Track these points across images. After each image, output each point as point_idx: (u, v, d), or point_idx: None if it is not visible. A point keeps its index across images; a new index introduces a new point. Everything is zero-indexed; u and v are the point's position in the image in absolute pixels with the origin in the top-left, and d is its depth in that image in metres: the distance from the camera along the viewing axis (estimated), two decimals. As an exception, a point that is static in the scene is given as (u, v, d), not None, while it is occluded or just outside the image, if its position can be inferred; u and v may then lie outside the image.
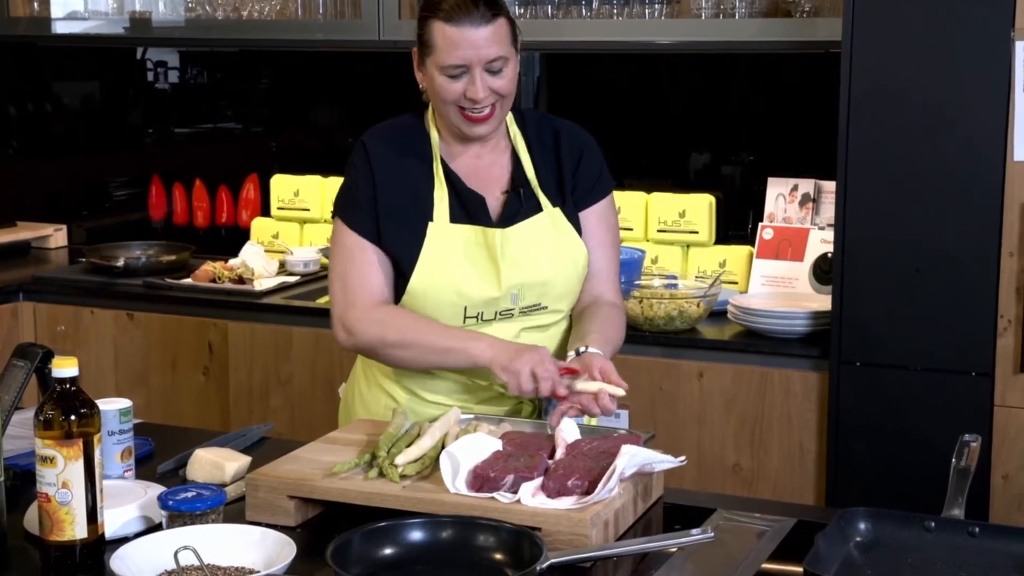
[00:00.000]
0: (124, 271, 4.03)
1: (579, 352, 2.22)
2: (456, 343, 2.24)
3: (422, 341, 2.25)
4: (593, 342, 2.24)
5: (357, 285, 2.29)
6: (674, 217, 3.71)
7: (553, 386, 2.15)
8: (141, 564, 1.70)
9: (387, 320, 2.27)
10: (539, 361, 2.16)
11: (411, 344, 2.26)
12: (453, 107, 2.26)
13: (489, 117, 2.27)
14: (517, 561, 1.72)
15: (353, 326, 2.29)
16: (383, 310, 2.29)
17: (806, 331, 3.25)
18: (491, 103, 2.25)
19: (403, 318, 2.28)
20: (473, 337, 2.24)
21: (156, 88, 4.89)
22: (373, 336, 2.28)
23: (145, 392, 3.88)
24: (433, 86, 2.26)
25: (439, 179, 2.32)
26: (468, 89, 2.23)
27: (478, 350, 2.22)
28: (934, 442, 2.84)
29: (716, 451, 3.29)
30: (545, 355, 2.18)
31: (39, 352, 2.15)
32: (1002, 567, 1.75)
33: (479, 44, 2.20)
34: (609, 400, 2.13)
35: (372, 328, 2.27)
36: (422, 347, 2.25)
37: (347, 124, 4.57)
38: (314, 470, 1.98)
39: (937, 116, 2.97)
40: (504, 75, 2.24)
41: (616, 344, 2.33)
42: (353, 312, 2.29)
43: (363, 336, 2.28)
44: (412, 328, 2.26)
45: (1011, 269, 2.95)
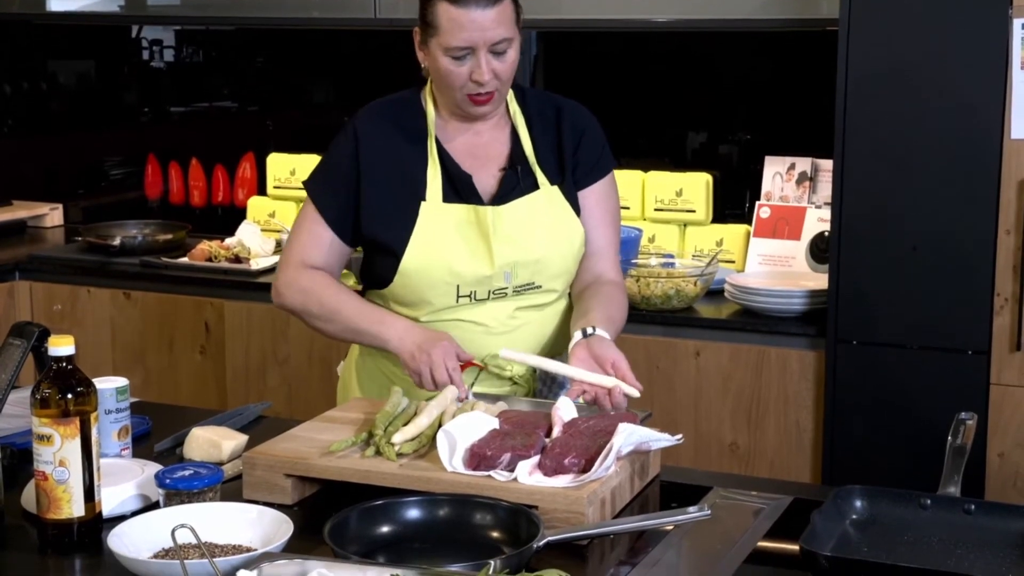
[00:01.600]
0: (120, 250, 4.02)
1: (586, 333, 2.21)
2: (368, 325, 2.27)
3: (339, 317, 2.29)
4: (597, 321, 2.23)
5: (296, 250, 2.33)
6: (671, 196, 3.71)
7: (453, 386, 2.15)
8: (138, 542, 1.70)
9: (309, 289, 2.30)
10: (439, 360, 2.16)
11: (330, 318, 2.30)
12: (457, 91, 2.25)
13: (491, 99, 2.27)
14: (514, 539, 1.72)
15: (281, 288, 2.34)
16: (309, 277, 2.31)
17: (803, 310, 3.25)
18: (495, 86, 2.25)
19: (326, 290, 2.30)
20: (385, 322, 2.26)
21: (151, 67, 4.87)
22: (296, 303, 2.32)
23: (142, 371, 3.89)
24: (437, 67, 2.25)
25: (432, 157, 2.31)
26: (474, 72, 2.22)
27: (387, 337, 2.24)
28: (930, 420, 2.84)
29: (713, 429, 3.29)
30: (447, 351, 2.18)
31: (35, 331, 2.14)
32: (997, 544, 1.76)
33: (485, 26, 2.19)
34: (622, 397, 2.13)
35: (297, 295, 2.32)
36: (339, 323, 2.30)
37: (343, 102, 4.56)
38: (311, 448, 1.98)
39: (935, 94, 2.97)
40: (508, 57, 2.24)
41: (619, 323, 2.33)
42: (284, 274, 2.34)
43: (287, 300, 2.34)
44: (331, 302, 2.29)
45: (1008, 247, 2.95)
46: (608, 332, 2.22)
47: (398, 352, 2.22)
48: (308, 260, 2.32)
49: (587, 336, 2.20)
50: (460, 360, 2.19)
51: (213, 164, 4.44)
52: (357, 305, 2.30)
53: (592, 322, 2.22)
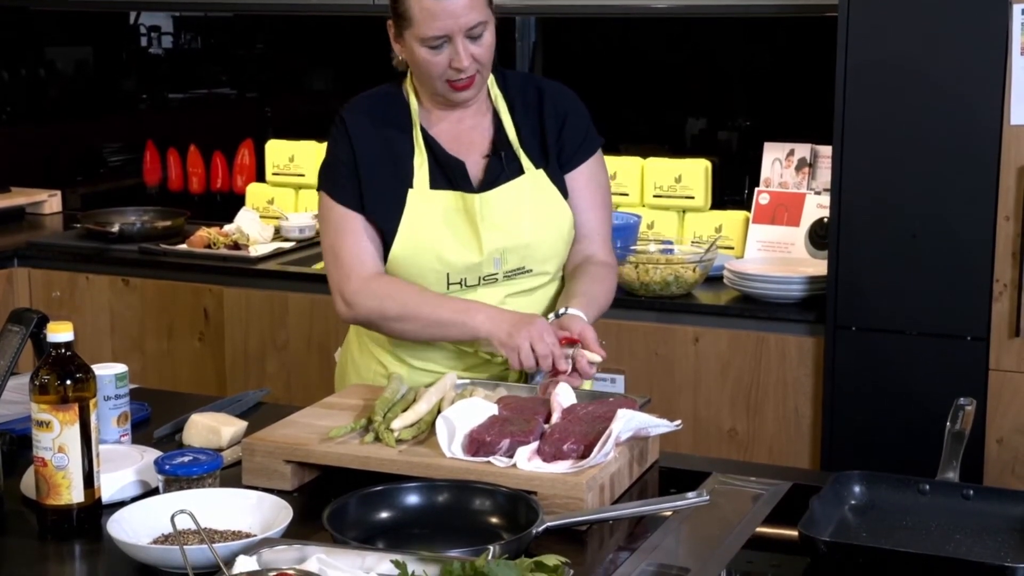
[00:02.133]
0: (119, 237, 4.02)
1: (558, 314, 2.21)
2: (455, 316, 2.23)
3: (421, 314, 2.24)
4: (576, 304, 2.23)
5: (350, 257, 2.28)
6: (670, 182, 3.70)
7: (554, 361, 2.14)
8: (138, 528, 1.70)
9: (386, 293, 2.26)
10: (538, 336, 2.14)
11: (411, 317, 2.25)
12: (437, 80, 2.25)
13: (472, 83, 2.26)
14: (513, 524, 1.72)
15: (352, 299, 2.28)
16: (380, 282, 2.28)
17: (802, 296, 3.25)
18: (474, 70, 2.24)
19: (402, 291, 2.27)
20: (471, 309, 2.23)
21: (150, 53, 4.87)
22: (373, 309, 2.27)
23: (141, 358, 3.89)
24: (415, 59, 2.24)
25: (419, 146, 2.31)
26: (453, 59, 2.21)
27: (476, 322, 2.20)
28: (929, 406, 2.84)
29: (712, 416, 3.29)
30: (544, 327, 2.16)
31: (34, 317, 2.14)
32: (995, 529, 1.76)
33: (458, 12, 2.17)
34: (587, 364, 2.12)
35: (371, 302, 2.26)
36: (422, 320, 2.24)
37: (342, 89, 4.55)
38: (310, 435, 1.98)
39: (934, 80, 2.96)
40: (484, 40, 2.22)
41: (603, 303, 2.32)
42: (350, 285, 2.28)
43: (362, 309, 2.28)
44: (411, 301, 2.25)
45: (1007, 233, 2.95)
46: (584, 310, 2.22)
47: (491, 334, 2.18)
48: (367, 262, 2.27)
49: (559, 316, 2.20)
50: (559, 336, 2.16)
51: (212, 151, 4.43)
52: (437, 298, 2.26)
53: (567, 303, 2.23)
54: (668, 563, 1.69)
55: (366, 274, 2.27)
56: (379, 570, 1.49)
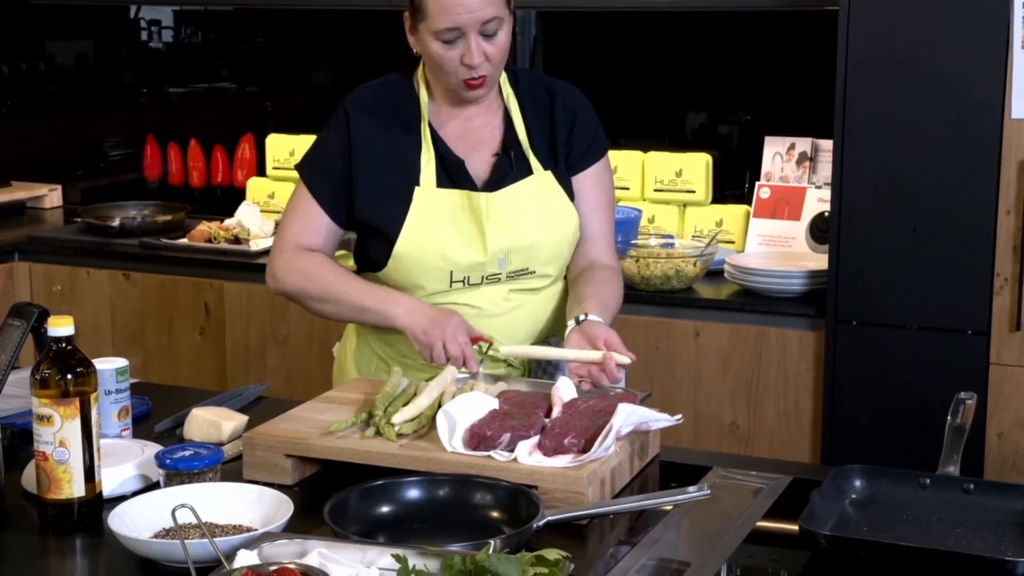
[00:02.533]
0: (119, 231, 4.02)
1: (579, 320, 2.21)
2: (376, 304, 2.25)
3: (342, 298, 2.27)
4: (592, 308, 2.22)
5: (290, 234, 2.31)
6: (671, 176, 3.70)
7: (464, 360, 2.15)
8: (139, 522, 1.70)
9: (309, 272, 2.29)
10: (452, 336, 2.16)
11: (332, 300, 2.28)
12: (451, 76, 2.24)
13: (484, 82, 2.25)
14: (514, 519, 1.72)
15: (278, 273, 2.31)
16: (307, 259, 2.29)
17: (803, 290, 3.25)
18: (487, 69, 2.23)
19: (325, 272, 2.28)
20: (391, 299, 2.25)
21: (150, 47, 4.86)
22: (296, 286, 2.30)
23: (142, 352, 3.89)
24: (428, 52, 2.24)
25: (426, 143, 2.30)
26: (464, 55, 2.20)
27: (394, 313, 2.23)
28: (930, 400, 2.84)
29: (712, 410, 3.29)
30: (459, 326, 2.17)
31: (35, 311, 2.14)
32: (996, 523, 1.76)
33: (473, 7, 2.16)
34: (615, 368, 2.13)
35: (295, 278, 2.30)
36: (342, 304, 2.28)
37: (342, 83, 4.54)
38: (311, 429, 1.98)
39: (935, 74, 2.96)
40: (499, 38, 2.21)
41: (614, 308, 2.32)
42: (280, 258, 2.31)
43: (286, 284, 2.31)
44: (333, 283, 2.27)
45: (1008, 227, 2.95)
46: (602, 317, 2.22)
47: (407, 328, 2.21)
48: (304, 243, 2.31)
49: (580, 323, 2.20)
50: (470, 336, 2.18)
51: (212, 145, 4.43)
52: (360, 285, 2.29)
53: (586, 309, 2.22)
54: (669, 557, 1.69)
55: (298, 251, 2.29)
56: (380, 564, 1.50)
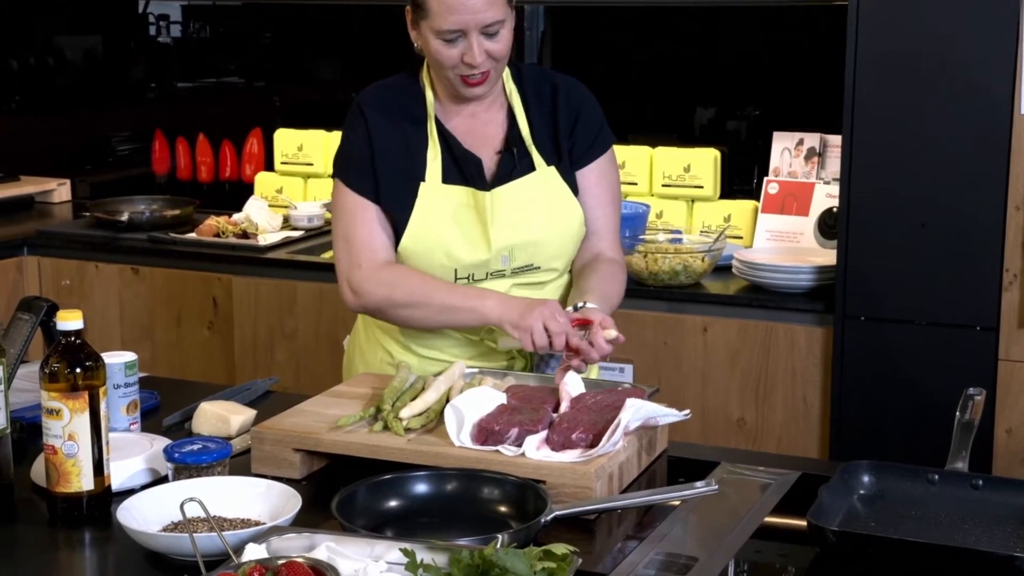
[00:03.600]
0: (128, 226, 4.02)
1: (576, 308, 2.21)
2: (465, 302, 2.22)
3: (431, 301, 2.23)
4: (591, 299, 2.22)
5: (361, 245, 2.27)
6: (679, 171, 3.70)
7: (567, 339, 2.13)
8: (148, 516, 1.71)
9: (394, 280, 2.26)
10: (550, 315, 2.13)
11: (419, 304, 2.24)
12: (450, 71, 2.24)
13: (485, 80, 2.24)
14: (521, 514, 1.73)
15: (360, 287, 2.27)
16: (389, 270, 2.27)
17: (811, 286, 3.25)
18: (488, 67, 2.23)
19: (411, 278, 2.26)
20: (481, 295, 2.22)
21: (158, 42, 4.87)
22: (381, 297, 2.26)
23: (150, 346, 3.89)
24: (428, 50, 2.23)
25: (433, 139, 2.30)
26: (465, 55, 2.19)
27: (486, 308, 2.19)
28: (938, 396, 2.84)
29: (720, 405, 3.29)
30: (556, 308, 2.15)
31: (44, 305, 2.15)
32: (1005, 519, 1.76)
33: (476, 8, 2.15)
34: (604, 341, 2.11)
35: (380, 289, 2.26)
36: (431, 307, 2.23)
37: (350, 78, 4.55)
38: (319, 423, 1.98)
39: (944, 69, 2.95)
40: (501, 38, 2.20)
41: (614, 301, 2.31)
42: (359, 272, 2.27)
43: (370, 297, 2.27)
44: (420, 288, 2.25)
45: (1017, 223, 2.94)
46: (600, 306, 2.22)
47: (502, 318, 2.17)
48: (376, 249, 2.27)
49: (577, 310, 2.20)
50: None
51: (220, 140, 4.44)
52: (446, 285, 2.25)
53: (584, 298, 2.22)
54: (676, 552, 1.69)
55: (377, 262, 2.27)
56: (388, 558, 1.50)
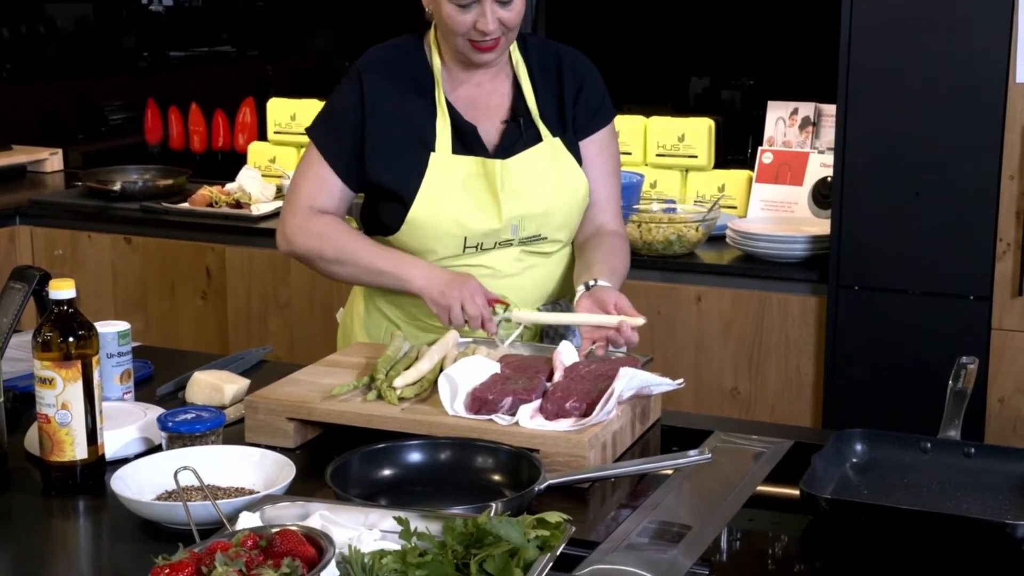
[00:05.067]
0: (121, 195, 4.01)
1: (588, 286, 2.20)
2: (390, 267, 2.25)
3: (358, 260, 2.26)
4: (601, 274, 2.23)
5: (302, 196, 2.31)
6: (673, 141, 3.69)
7: (482, 321, 2.15)
8: (142, 484, 1.71)
9: (324, 234, 2.28)
10: (469, 296, 2.16)
11: (346, 262, 2.27)
12: (460, 38, 2.23)
13: (496, 46, 2.24)
14: (515, 482, 1.73)
15: (291, 234, 2.31)
16: (322, 222, 2.29)
17: (805, 255, 3.25)
18: (500, 35, 2.22)
19: (341, 234, 2.28)
20: (407, 263, 2.24)
21: (150, 11, 4.84)
22: (311, 248, 2.29)
23: (144, 316, 3.89)
24: (440, 14, 2.22)
25: (441, 109, 2.29)
26: (478, 21, 2.19)
27: (411, 276, 2.22)
28: (931, 365, 2.84)
29: (714, 375, 3.30)
30: (476, 288, 2.17)
31: (36, 275, 2.14)
32: (996, 487, 1.77)
33: None
34: (631, 331, 2.13)
35: (310, 240, 2.29)
36: (357, 266, 2.27)
37: (344, 47, 4.53)
38: (313, 392, 1.98)
39: (939, 38, 2.94)
40: (514, 7, 2.20)
41: (622, 274, 2.33)
42: (293, 220, 2.30)
43: (299, 246, 2.30)
44: (349, 246, 2.27)
45: (1011, 192, 2.94)
46: (611, 282, 2.22)
47: (423, 291, 2.20)
48: (316, 205, 2.30)
49: (589, 288, 2.20)
50: (487, 298, 2.18)
51: (213, 109, 4.42)
52: (374, 248, 2.28)
53: (595, 275, 2.22)
54: (669, 520, 1.69)
55: (311, 213, 2.29)
56: (382, 527, 1.50)
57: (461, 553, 1.41)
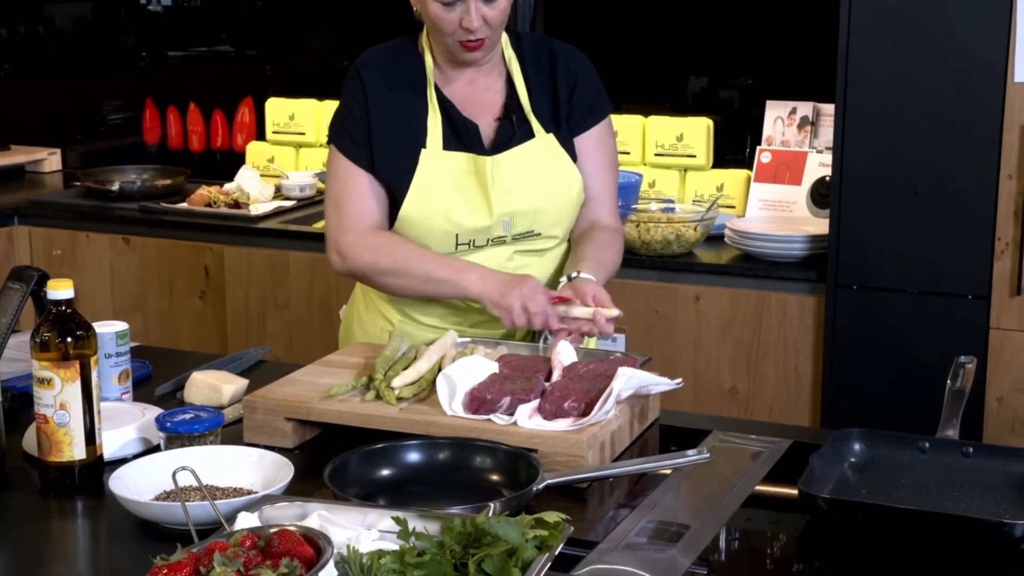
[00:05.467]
0: (119, 195, 4.01)
1: (571, 278, 2.21)
2: (447, 274, 2.23)
3: (414, 270, 2.25)
4: (586, 268, 2.23)
5: (350, 210, 2.29)
6: (672, 140, 3.69)
7: (546, 319, 2.14)
8: (140, 484, 1.71)
9: (380, 247, 2.27)
10: (530, 295, 2.15)
11: (403, 272, 2.26)
12: (448, 37, 2.23)
13: (482, 44, 2.24)
14: (514, 482, 1.73)
15: (346, 251, 2.29)
16: (376, 236, 2.28)
17: (803, 255, 3.25)
18: (485, 33, 2.22)
19: (396, 245, 2.27)
20: (464, 268, 2.23)
21: (149, 10, 4.84)
22: (366, 262, 2.28)
23: (142, 316, 3.89)
24: (427, 14, 2.23)
25: (433, 105, 2.30)
26: (463, 18, 2.19)
27: (468, 282, 2.21)
28: (930, 364, 2.84)
29: (712, 374, 3.30)
30: (536, 287, 2.17)
31: (35, 275, 2.14)
32: (995, 487, 1.77)
33: None
34: (605, 322, 2.13)
35: (365, 254, 2.27)
36: (414, 276, 2.25)
37: (342, 47, 4.53)
38: (311, 392, 1.98)
39: (937, 37, 2.95)
40: (499, 3, 2.20)
41: (611, 267, 2.32)
42: (346, 237, 2.28)
43: (356, 261, 2.28)
44: (404, 256, 2.26)
45: (1009, 192, 2.94)
46: (595, 274, 2.22)
47: (482, 295, 2.19)
48: (366, 214, 2.28)
49: (571, 280, 2.20)
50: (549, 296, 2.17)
51: (211, 109, 4.42)
52: (430, 256, 2.26)
53: (579, 267, 2.23)
54: (668, 520, 1.69)
55: (364, 228, 2.28)
56: (380, 527, 1.50)
57: (459, 553, 1.41)
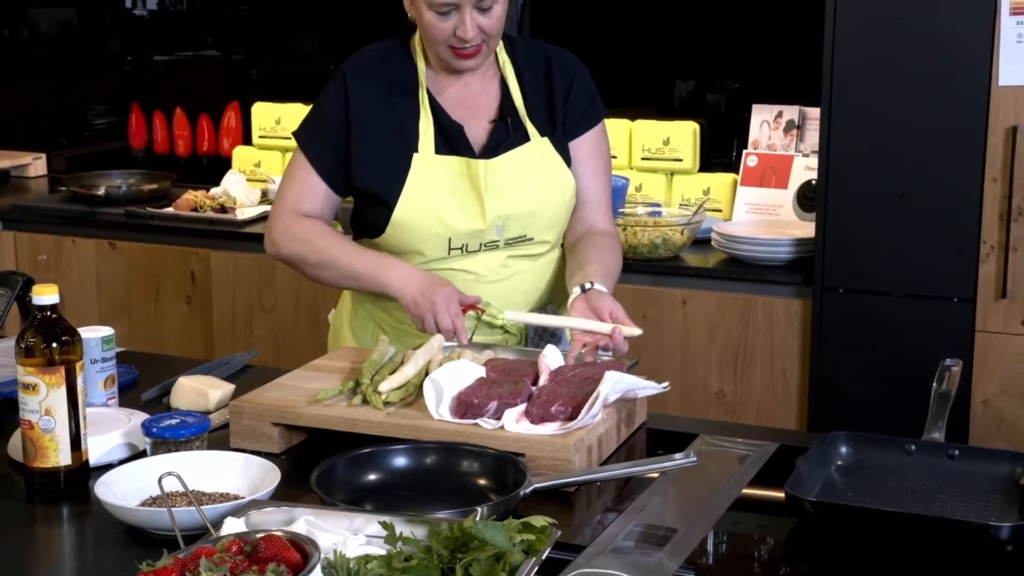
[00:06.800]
0: (105, 200, 4.00)
1: (584, 289, 2.20)
2: (366, 269, 2.25)
3: (337, 264, 2.27)
4: (595, 275, 2.22)
5: (288, 200, 2.32)
6: (658, 145, 3.70)
7: (453, 331, 2.15)
8: (126, 490, 1.70)
9: (307, 237, 2.29)
10: (443, 306, 2.16)
11: (328, 265, 2.28)
12: (441, 45, 2.23)
13: (477, 53, 2.24)
14: (501, 486, 1.73)
15: (276, 238, 2.32)
16: (305, 225, 2.30)
17: (790, 258, 3.25)
18: (479, 41, 2.22)
19: (322, 237, 2.29)
20: (384, 266, 2.25)
21: (134, 15, 4.83)
22: (295, 253, 2.30)
23: (128, 321, 3.88)
24: (421, 21, 2.22)
25: (424, 109, 2.29)
26: (458, 28, 2.19)
27: (387, 280, 2.23)
28: (915, 367, 2.85)
29: (699, 378, 3.30)
30: (451, 295, 2.18)
31: (19, 280, 2.14)
32: (980, 489, 1.77)
33: None
34: (623, 340, 2.13)
35: (294, 245, 2.30)
36: (337, 269, 2.28)
37: (329, 50, 4.53)
38: (298, 397, 1.98)
39: (922, 41, 2.96)
40: (494, 12, 2.20)
41: (615, 273, 2.32)
42: (278, 223, 2.31)
43: (284, 250, 2.31)
44: (329, 248, 2.28)
45: (994, 195, 2.95)
46: (605, 284, 2.22)
47: (399, 297, 2.21)
48: (301, 209, 2.31)
49: (585, 291, 2.20)
50: (462, 304, 2.19)
51: (198, 113, 4.41)
52: (355, 251, 2.29)
53: (589, 276, 2.22)
54: (655, 524, 1.69)
55: (296, 217, 2.30)
56: (367, 531, 1.50)
57: (447, 557, 1.41)
